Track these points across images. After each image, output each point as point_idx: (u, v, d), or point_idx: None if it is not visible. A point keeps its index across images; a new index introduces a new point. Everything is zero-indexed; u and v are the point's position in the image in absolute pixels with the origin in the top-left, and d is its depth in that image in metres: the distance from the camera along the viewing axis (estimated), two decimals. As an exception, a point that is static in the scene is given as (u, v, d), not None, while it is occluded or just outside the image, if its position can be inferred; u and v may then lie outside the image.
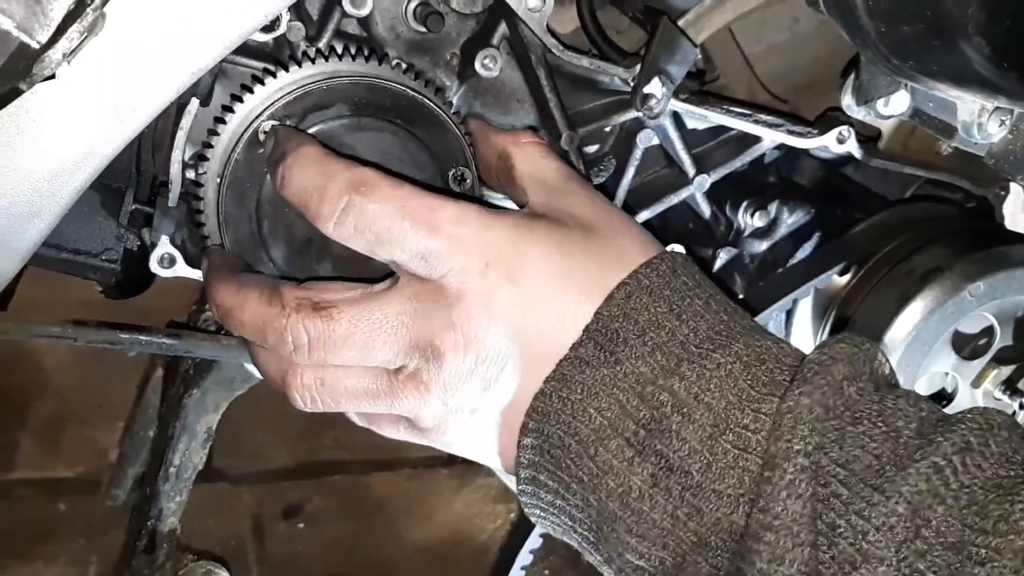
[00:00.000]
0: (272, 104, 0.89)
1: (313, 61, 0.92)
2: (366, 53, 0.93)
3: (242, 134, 0.89)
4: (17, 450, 2.16)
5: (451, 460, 2.38)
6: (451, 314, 0.73)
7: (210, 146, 0.90)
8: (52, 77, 0.57)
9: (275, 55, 1.04)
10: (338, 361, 0.75)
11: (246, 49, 1.01)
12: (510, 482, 1.74)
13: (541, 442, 0.74)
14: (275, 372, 0.81)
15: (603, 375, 0.72)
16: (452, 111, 0.95)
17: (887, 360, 0.75)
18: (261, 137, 0.87)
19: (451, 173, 0.91)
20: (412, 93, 0.92)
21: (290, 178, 0.75)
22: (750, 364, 0.71)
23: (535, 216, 0.81)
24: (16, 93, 0.53)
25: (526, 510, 0.82)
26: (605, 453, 0.70)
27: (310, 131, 0.88)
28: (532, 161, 0.88)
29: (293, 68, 0.91)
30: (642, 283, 0.75)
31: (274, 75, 0.91)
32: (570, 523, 0.76)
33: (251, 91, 0.90)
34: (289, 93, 0.90)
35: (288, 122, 0.88)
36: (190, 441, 1.12)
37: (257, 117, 0.90)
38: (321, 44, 1.02)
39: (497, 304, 0.73)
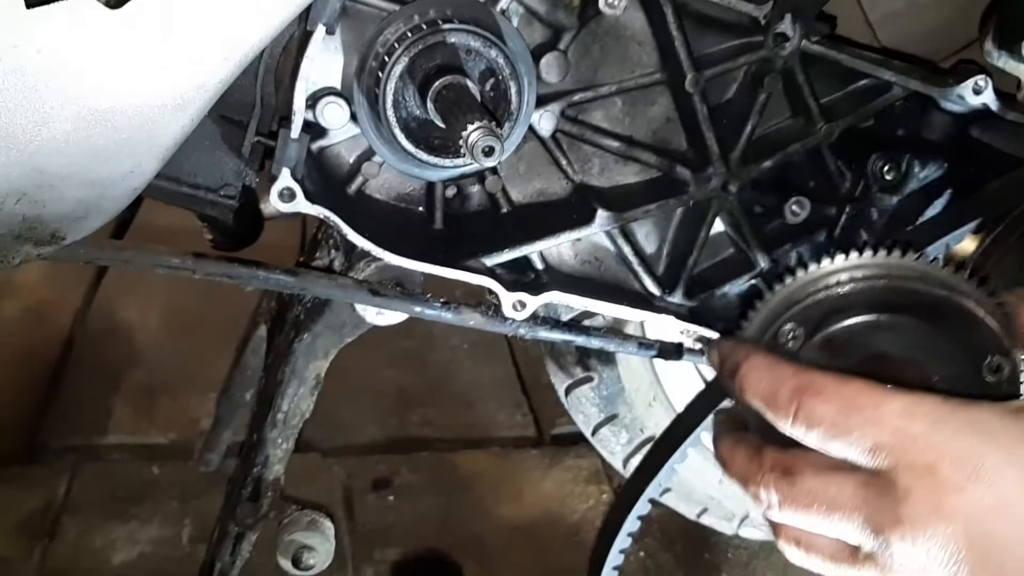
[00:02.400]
0: (790, 308, 0.91)
1: (832, 259, 0.91)
2: (888, 246, 0.90)
3: (762, 336, 0.93)
4: (112, 416, 2.20)
5: (540, 440, 2.36)
6: (899, 509, 0.72)
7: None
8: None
9: (397, -6, 1.02)
10: (803, 524, 0.79)
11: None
12: (613, 460, 1.68)
13: None
14: (769, 522, 0.85)
15: None
16: (987, 294, 0.87)
17: None
18: (781, 340, 0.91)
19: (985, 363, 0.86)
20: (936, 291, 0.87)
21: (745, 387, 0.83)
22: None
23: (1014, 411, 0.73)
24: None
25: None
26: None
27: (828, 331, 0.89)
28: None
29: (812, 267, 0.91)
30: None
31: (793, 274, 0.92)
32: None
33: (771, 291, 0.93)
34: (808, 297, 0.91)
35: (806, 326, 0.90)
36: (299, 387, 1.12)
37: (777, 319, 0.92)
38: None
39: (948, 507, 0.70)
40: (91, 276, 2.73)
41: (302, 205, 0.97)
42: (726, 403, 1.07)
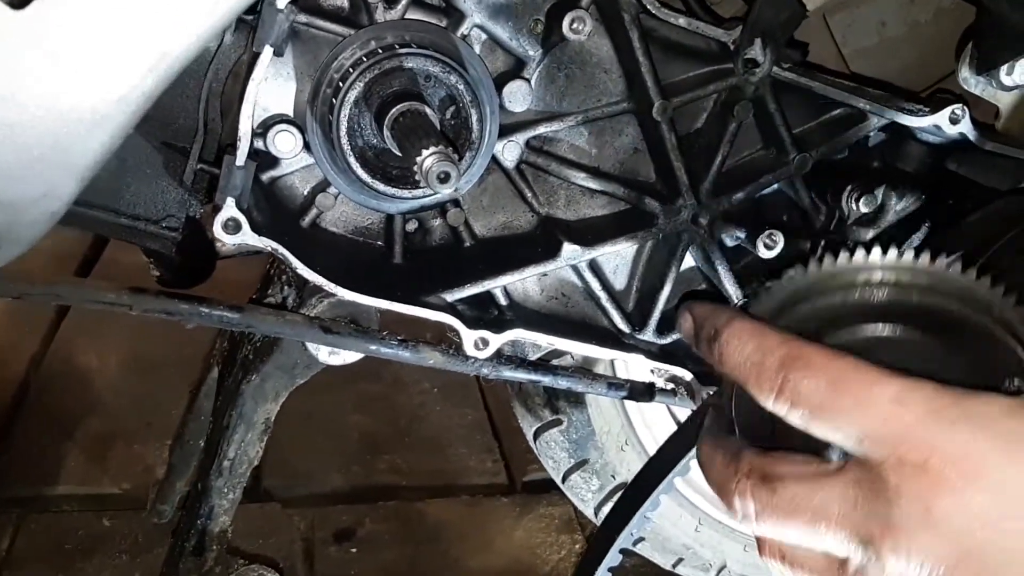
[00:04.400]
0: (779, 317, 0.80)
1: (835, 259, 0.79)
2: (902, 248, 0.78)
3: None
4: (63, 465, 2.12)
5: (511, 487, 2.29)
6: (890, 512, 0.63)
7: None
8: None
9: (350, 18, 0.98)
10: (784, 537, 0.70)
11: (321, 11, 0.97)
12: (584, 507, 1.60)
13: None
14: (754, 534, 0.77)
15: None
16: (1013, 304, 0.78)
17: None
18: None
19: (1004, 387, 0.75)
20: (949, 307, 0.78)
21: (727, 354, 0.74)
22: None
23: (1022, 406, 0.64)
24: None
25: None
26: None
27: (835, 339, 0.78)
28: None
29: (811, 267, 0.79)
30: None
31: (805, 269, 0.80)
32: None
33: (766, 290, 0.81)
34: (799, 303, 0.80)
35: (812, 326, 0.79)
36: (247, 432, 1.05)
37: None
38: (399, 7, 0.97)
39: (939, 510, 0.61)
40: (50, 319, 2.65)
41: (248, 237, 0.91)
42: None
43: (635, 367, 1.11)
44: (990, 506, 0.60)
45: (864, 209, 1.09)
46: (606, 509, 1.68)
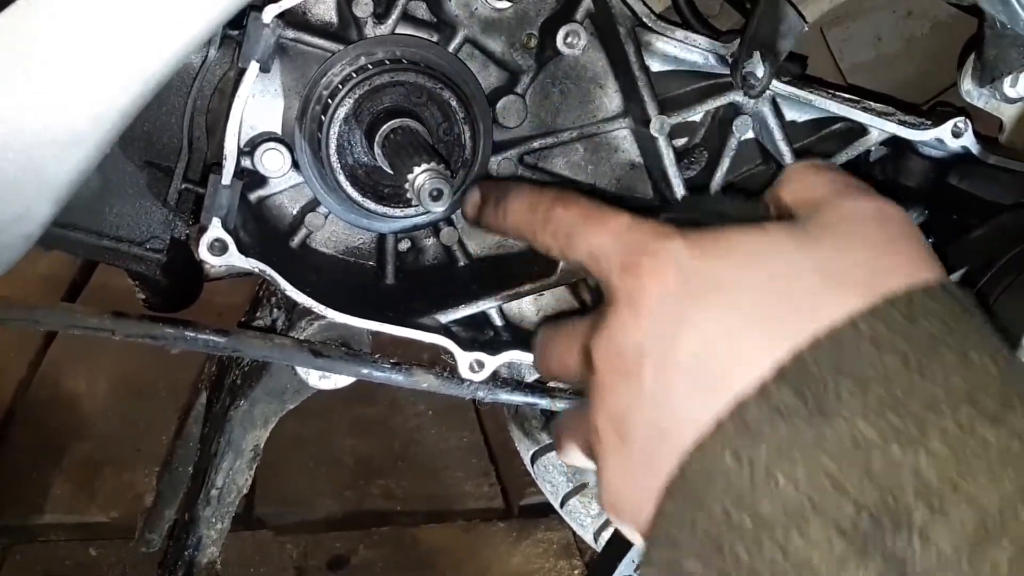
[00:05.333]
0: None
1: None
2: None
3: None
4: (50, 493, 2.08)
5: (508, 512, 2.25)
6: (605, 318, 0.66)
7: None
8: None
9: (339, 33, 0.96)
10: (551, 370, 0.79)
11: (309, 26, 0.95)
12: (583, 533, 1.57)
13: (694, 513, 0.57)
14: None
15: (804, 433, 0.54)
16: None
17: None
18: None
19: None
20: None
21: (511, 209, 0.83)
22: None
23: (729, 228, 0.66)
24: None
25: None
26: (800, 541, 0.52)
27: None
28: (797, 184, 0.70)
29: None
30: (861, 331, 0.56)
31: None
32: None
33: None
34: None
35: None
36: (235, 460, 1.02)
37: None
38: (389, 22, 0.95)
39: (642, 304, 0.63)
40: (37, 343, 2.61)
41: (235, 258, 0.88)
42: None
43: (634, 389, 1.08)
44: (685, 293, 0.62)
45: (867, 225, 1.07)
46: (606, 535, 1.65)
